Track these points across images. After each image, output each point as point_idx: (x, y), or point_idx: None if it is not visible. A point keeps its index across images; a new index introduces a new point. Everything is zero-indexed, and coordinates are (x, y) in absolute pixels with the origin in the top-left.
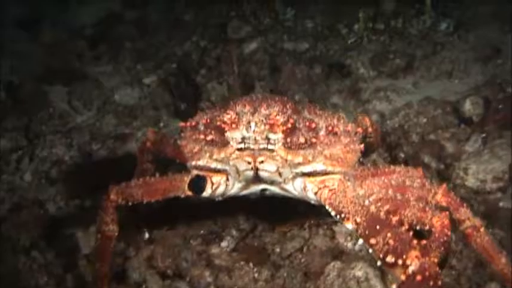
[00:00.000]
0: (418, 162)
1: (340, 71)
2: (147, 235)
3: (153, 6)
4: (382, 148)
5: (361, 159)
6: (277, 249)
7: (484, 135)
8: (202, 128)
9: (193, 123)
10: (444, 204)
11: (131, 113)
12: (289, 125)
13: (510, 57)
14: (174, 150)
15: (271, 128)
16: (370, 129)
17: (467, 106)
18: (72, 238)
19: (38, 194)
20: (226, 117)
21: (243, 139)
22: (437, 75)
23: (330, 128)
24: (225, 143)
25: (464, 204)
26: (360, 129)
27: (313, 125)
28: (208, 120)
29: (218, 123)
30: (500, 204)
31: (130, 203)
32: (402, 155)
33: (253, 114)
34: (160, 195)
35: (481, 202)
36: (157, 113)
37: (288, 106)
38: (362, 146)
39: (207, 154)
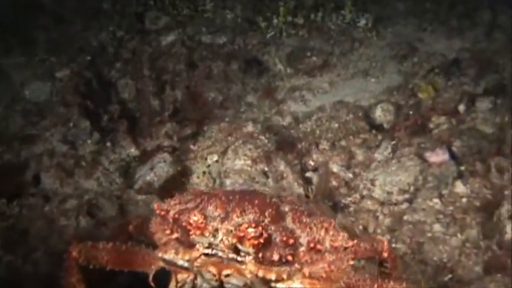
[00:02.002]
0: (327, 172)
1: (257, 67)
2: None
3: None
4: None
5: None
6: None
7: (394, 142)
8: (170, 221)
9: (163, 213)
10: None
11: (40, 111)
12: (262, 240)
13: (425, 56)
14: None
15: (241, 240)
16: (385, 255)
17: (378, 113)
18: None
19: None
20: (192, 220)
21: (210, 245)
22: (354, 73)
23: (312, 245)
24: (191, 245)
25: None
26: (351, 243)
27: (291, 241)
28: (176, 216)
29: (184, 223)
30: (405, 217)
31: (92, 266)
32: (312, 163)
33: (222, 221)
34: (127, 266)
35: (387, 214)
36: (68, 111)
37: (267, 213)
38: (351, 262)
39: (173, 250)
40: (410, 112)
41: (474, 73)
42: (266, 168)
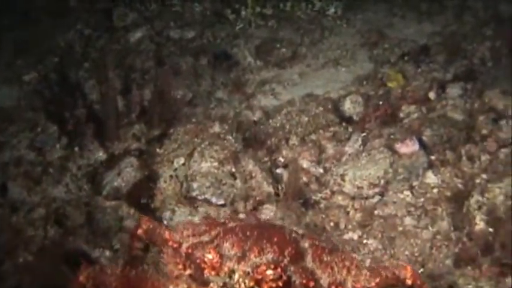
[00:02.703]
0: (297, 168)
1: (227, 61)
2: None
3: None
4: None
5: None
6: None
7: (364, 134)
8: (183, 255)
9: (175, 245)
10: None
11: (7, 117)
12: (280, 283)
13: (396, 43)
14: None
15: (258, 283)
16: (409, 282)
17: (348, 105)
18: None
19: None
20: (207, 258)
21: (225, 284)
22: (324, 63)
23: (334, 287)
24: (205, 283)
25: None
26: (373, 283)
27: (312, 284)
28: (190, 251)
29: (198, 260)
30: (376, 212)
31: None
32: (282, 160)
33: (239, 261)
34: None
35: (358, 209)
36: (35, 116)
37: (286, 252)
38: None
39: (186, 286)
40: (380, 102)
41: (443, 59)
42: (234, 169)
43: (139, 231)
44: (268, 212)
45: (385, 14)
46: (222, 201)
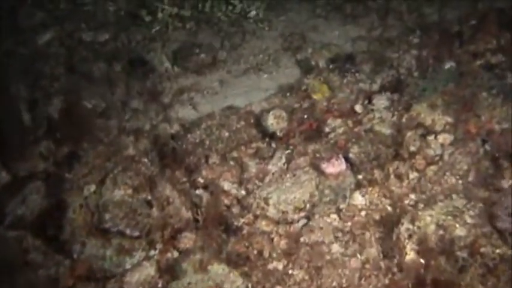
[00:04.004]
0: (217, 190)
1: (142, 67)
2: None
3: None
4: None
5: None
6: None
7: (288, 151)
8: None
9: None
10: None
11: None
12: None
13: (319, 47)
14: None
15: None
16: None
17: (271, 120)
18: None
19: None
20: None
21: None
22: (246, 69)
23: None
24: None
25: None
26: None
27: None
28: None
29: None
30: (302, 238)
31: None
32: (201, 180)
33: None
34: None
35: (282, 235)
36: None
37: None
38: None
39: None
40: (305, 116)
41: (370, 68)
42: (149, 197)
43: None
44: (187, 241)
45: (308, 15)
46: (137, 233)
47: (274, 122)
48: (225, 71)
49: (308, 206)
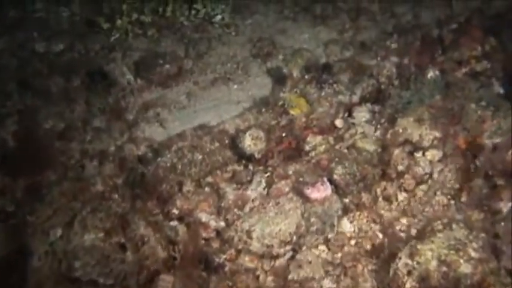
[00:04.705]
0: (195, 222)
1: (103, 81)
2: None
3: None
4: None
5: None
6: None
7: (268, 174)
8: None
9: None
10: None
11: None
12: None
13: (291, 53)
14: None
15: None
16: None
17: (248, 142)
18: None
19: None
20: None
21: None
22: (214, 80)
23: None
24: None
25: None
26: None
27: None
28: None
29: None
30: (290, 275)
31: None
32: (176, 212)
33: None
34: None
35: (268, 272)
36: None
37: None
38: None
39: None
40: (283, 134)
41: (348, 78)
42: (123, 239)
43: None
44: (165, 285)
45: (275, 17)
46: (111, 281)
47: (251, 143)
48: (191, 82)
49: (294, 238)
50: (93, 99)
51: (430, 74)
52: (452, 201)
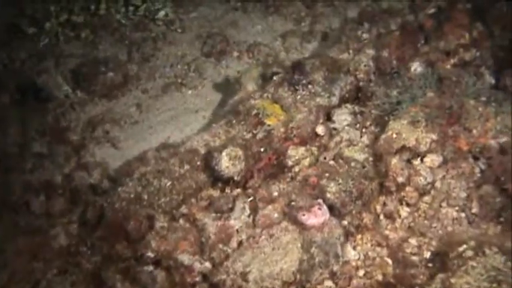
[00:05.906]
0: (176, 265)
1: (36, 95)
2: None
3: None
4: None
5: None
6: None
7: (251, 198)
8: None
9: None
10: None
11: None
12: None
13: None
14: None
15: None
16: None
17: (225, 163)
18: None
19: None
20: None
21: None
22: (165, 86)
23: None
24: None
25: None
26: None
27: None
28: None
29: None
30: None
31: None
32: (151, 255)
33: None
34: None
35: None
36: None
37: None
38: None
39: None
40: (261, 149)
41: (322, 77)
42: None
43: None
44: None
45: (223, 8)
46: None
47: (229, 164)
48: (139, 91)
49: (298, 276)
50: (28, 119)
51: (415, 68)
52: (463, 214)
